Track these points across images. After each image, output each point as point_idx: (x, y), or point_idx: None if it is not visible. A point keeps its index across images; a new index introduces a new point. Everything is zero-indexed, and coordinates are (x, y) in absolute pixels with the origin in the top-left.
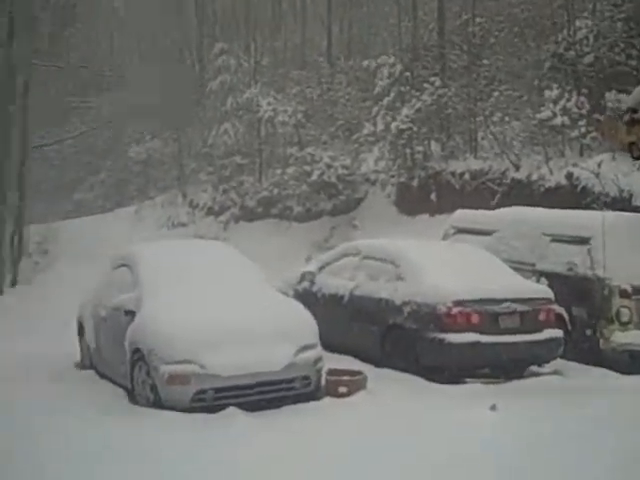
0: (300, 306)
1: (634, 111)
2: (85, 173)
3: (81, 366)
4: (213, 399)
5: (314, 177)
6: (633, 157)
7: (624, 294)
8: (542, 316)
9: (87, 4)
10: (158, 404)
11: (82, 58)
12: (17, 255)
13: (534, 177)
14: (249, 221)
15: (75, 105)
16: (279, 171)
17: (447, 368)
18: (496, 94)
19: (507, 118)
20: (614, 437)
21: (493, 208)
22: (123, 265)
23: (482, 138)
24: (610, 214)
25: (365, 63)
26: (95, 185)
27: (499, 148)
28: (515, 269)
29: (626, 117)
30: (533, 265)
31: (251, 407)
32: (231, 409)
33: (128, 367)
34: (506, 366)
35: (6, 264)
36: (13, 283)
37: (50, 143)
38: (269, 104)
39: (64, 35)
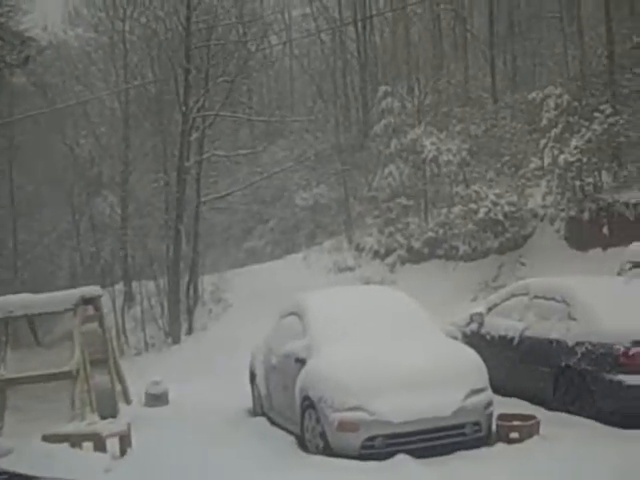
0: (468, 349)
1: None
2: (254, 222)
3: (253, 413)
4: (383, 446)
5: (480, 215)
6: None
7: None
8: None
9: (260, 55)
10: (328, 451)
11: (255, 108)
12: (192, 304)
13: None
14: (415, 263)
15: (245, 155)
16: (444, 211)
17: (626, 412)
18: None
19: None
20: None
21: None
22: (292, 313)
23: None
24: None
25: (531, 95)
26: (264, 233)
27: None
28: None
29: None
30: None
31: (421, 454)
32: (401, 456)
33: (298, 414)
34: None
35: (182, 313)
36: (189, 331)
37: (221, 196)
38: (433, 144)
39: (239, 86)
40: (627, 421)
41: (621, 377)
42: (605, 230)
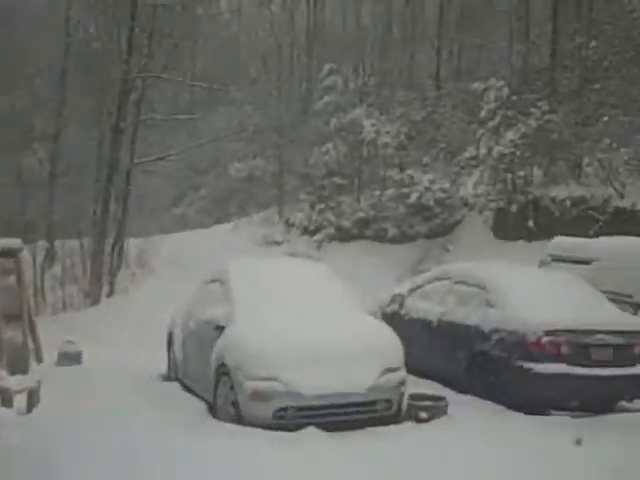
0: (387, 329)
1: None
2: (186, 189)
3: (167, 377)
4: (294, 417)
5: (412, 200)
6: None
7: None
8: (637, 350)
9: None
10: (239, 419)
11: (198, 74)
12: (116, 266)
13: (639, 206)
14: (343, 241)
15: (183, 121)
16: (377, 192)
17: (533, 398)
18: (605, 119)
19: (615, 144)
20: None
21: (593, 237)
22: (216, 280)
23: (587, 164)
24: None
25: (473, 86)
26: (195, 201)
27: (604, 175)
28: (612, 300)
29: None
30: (631, 297)
31: (331, 428)
32: (311, 429)
33: (212, 381)
34: (595, 400)
35: (105, 275)
36: (110, 293)
37: (155, 159)
38: (372, 125)
39: (183, 50)
40: (534, 407)
41: (531, 365)
42: (531, 223)
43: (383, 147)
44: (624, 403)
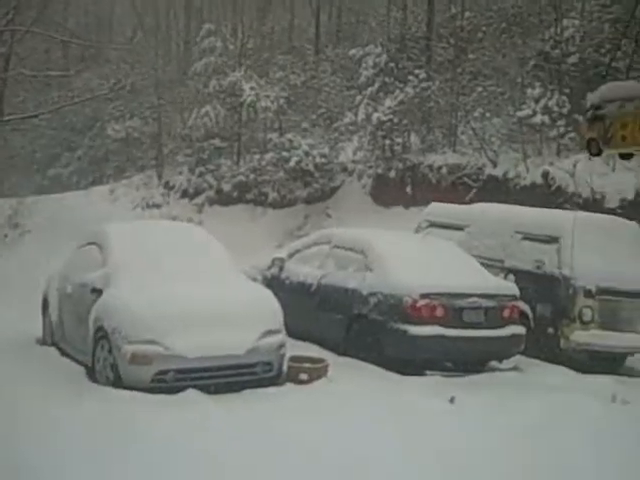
0: (266, 292)
1: (597, 108)
2: (62, 149)
3: (42, 342)
4: (174, 380)
5: (291, 164)
6: (591, 154)
7: (588, 294)
8: (506, 312)
9: None
10: (118, 383)
11: (71, 29)
12: None
13: (510, 174)
14: (224, 205)
15: (56, 78)
16: (257, 156)
17: (409, 360)
18: (479, 89)
19: (488, 114)
20: (562, 433)
21: (468, 203)
22: (93, 243)
23: (462, 133)
24: (581, 215)
25: (352, 52)
26: (71, 162)
27: (478, 144)
28: (484, 265)
29: (589, 114)
30: (502, 262)
31: (211, 390)
32: (191, 391)
33: (90, 345)
34: (467, 360)
35: None
36: None
37: (26, 116)
38: (252, 88)
39: (54, 3)
40: (410, 368)
41: (407, 327)
42: (409, 190)
43: (263, 111)
44: (494, 363)
